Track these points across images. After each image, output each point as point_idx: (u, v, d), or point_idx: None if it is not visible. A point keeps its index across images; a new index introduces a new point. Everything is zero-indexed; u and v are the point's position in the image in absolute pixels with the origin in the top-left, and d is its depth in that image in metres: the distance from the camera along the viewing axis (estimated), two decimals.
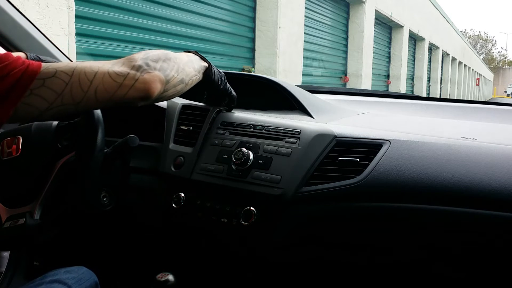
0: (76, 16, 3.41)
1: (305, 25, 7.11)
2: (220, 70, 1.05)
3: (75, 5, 3.37)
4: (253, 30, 6.26)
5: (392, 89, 12.16)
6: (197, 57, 0.93)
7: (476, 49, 53.59)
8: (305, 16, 7.08)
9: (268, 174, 0.95)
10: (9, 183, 0.94)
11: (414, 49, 15.06)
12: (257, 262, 1.02)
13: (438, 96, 17.28)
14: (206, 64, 0.95)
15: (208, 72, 0.96)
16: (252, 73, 1.36)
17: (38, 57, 0.96)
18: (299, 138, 0.98)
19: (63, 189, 0.92)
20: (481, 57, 54.42)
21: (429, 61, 17.30)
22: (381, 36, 11.52)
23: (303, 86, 1.40)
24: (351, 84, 9.23)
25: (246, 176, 0.97)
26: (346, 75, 9.35)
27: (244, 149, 0.98)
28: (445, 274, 0.92)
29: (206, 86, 1.00)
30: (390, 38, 12.41)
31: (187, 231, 1.08)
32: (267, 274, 1.03)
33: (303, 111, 1.19)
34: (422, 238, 0.90)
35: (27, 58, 0.94)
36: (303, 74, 7.21)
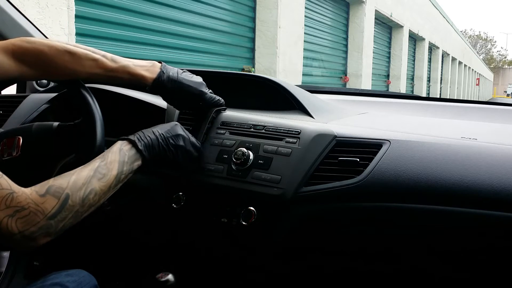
0: (76, 16, 3.41)
1: (305, 25, 7.12)
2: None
3: (75, 5, 3.38)
4: (253, 30, 6.26)
5: (392, 89, 12.16)
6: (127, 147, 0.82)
7: (476, 49, 53.57)
8: (305, 16, 7.08)
9: (268, 174, 0.95)
10: None
11: (414, 49, 15.05)
12: (257, 262, 1.02)
13: (438, 96, 17.28)
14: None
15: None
16: (252, 73, 1.35)
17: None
18: (299, 138, 0.98)
19: None
20: (481, 57, 54.41)
21: (429, 61, 17.30)
22: (381, 36, 11.52)
23: (303, 86, 1.40)
24: (351, 84, 9.23)
25: (246, 176, 0.97)
26: (346, 75, 9.35)
27: (244, 149, 0.98)
28: (445, 274, 0.93)
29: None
30: (390, 38, 12.41)
31: (187, 231, 1.08)
32: (267, 274, 1.03)
33: (303, 111, 1.19)
34: (422, 237, 0.90)
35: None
36: (303, 74, 7.21)
